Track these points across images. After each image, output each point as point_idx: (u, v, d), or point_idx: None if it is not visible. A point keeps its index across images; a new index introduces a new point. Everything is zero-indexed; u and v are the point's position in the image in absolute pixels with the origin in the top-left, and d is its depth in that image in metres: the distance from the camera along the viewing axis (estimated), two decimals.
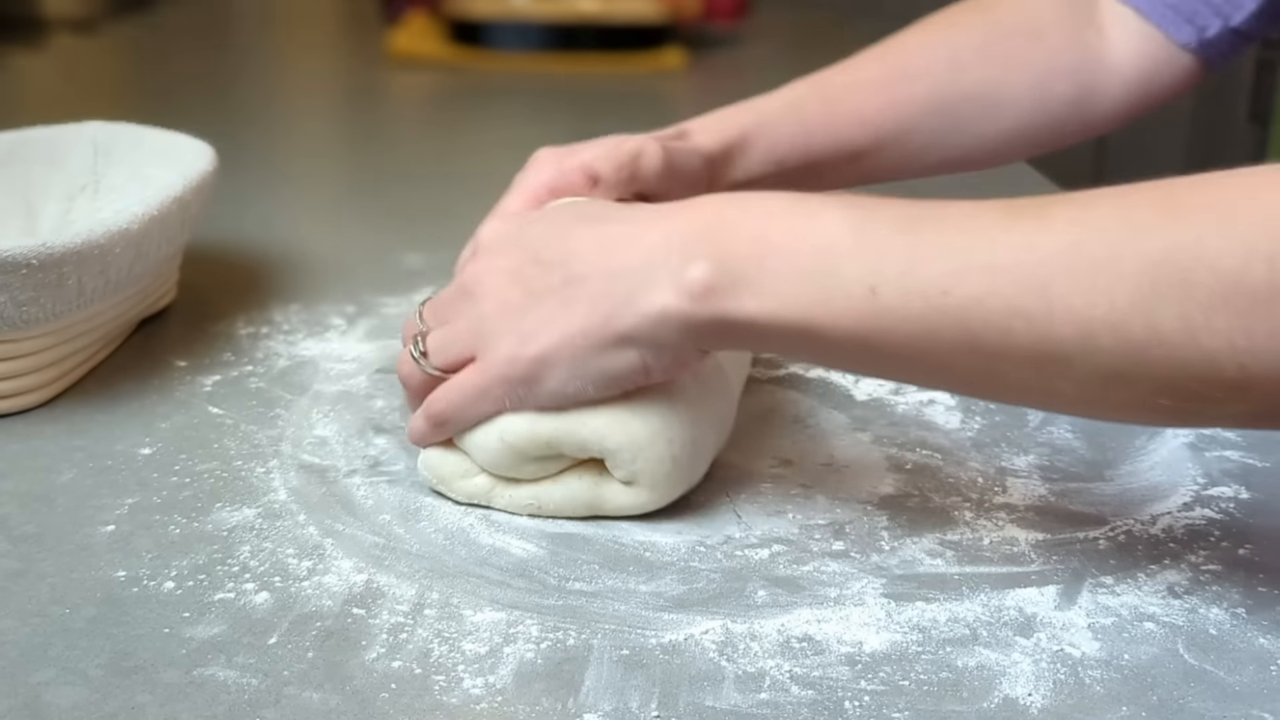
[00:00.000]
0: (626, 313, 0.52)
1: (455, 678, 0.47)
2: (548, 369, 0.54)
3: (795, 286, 0.49)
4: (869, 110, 0.74)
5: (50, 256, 0.62)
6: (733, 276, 0.50)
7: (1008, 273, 0.46)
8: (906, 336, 0.48)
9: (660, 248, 0.52)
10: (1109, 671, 0.48)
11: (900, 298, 0.48)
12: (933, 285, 0.47)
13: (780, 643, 0.49)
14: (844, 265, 0.48)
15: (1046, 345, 0.46)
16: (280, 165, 1.24)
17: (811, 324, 0.49)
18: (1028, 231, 0.47)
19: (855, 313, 0.48)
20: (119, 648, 0.48)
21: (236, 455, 0.63)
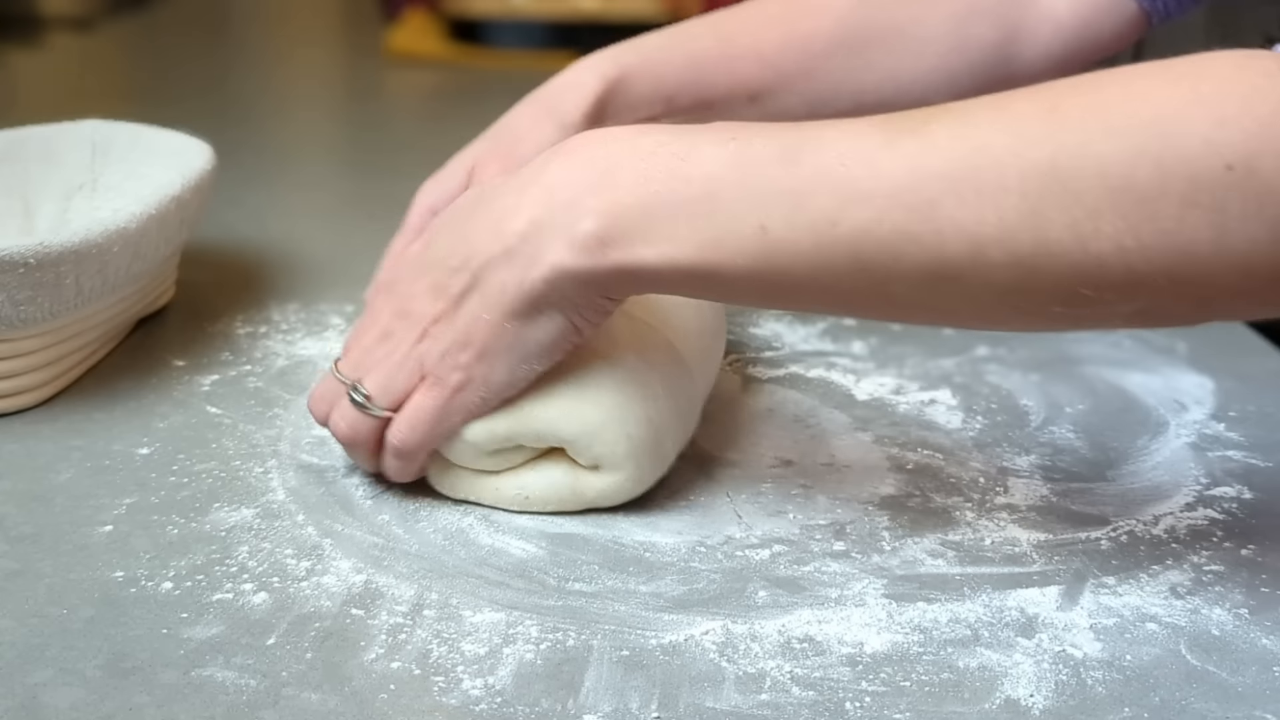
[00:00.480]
0: (530, 282, 0.51)
1: (454, 678, 0.47)
2: (491, 363, 0.54)
3: (685, 230, 0.49)
4: (767, 46, 0.71)
5: (48, 256, 0.62)
6: (622, 226, 0.49)
7: (893, 198, 0.46)
8: (800, 270, 0.48)
9: (545, 207, 0.51)
10: (1111, 672, 0.48)
11: (790, 233, 0.47)
12: (821, 218, 0.47)
13: (781, 643, 0.49)
14: (730, 205, 0.48)
15: (937, 265, 0.46)
16: (279, 164, 1.24)
17: (707, 265, 0.49)
18: (910, 153, 0.46)
19: (748, 252, 0.48)
20: (117, 648, 0.48)
21: (235, 455, 0.63)
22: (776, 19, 0.73)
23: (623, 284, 0.52)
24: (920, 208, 0.46)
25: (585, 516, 0.58)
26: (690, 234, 0.49)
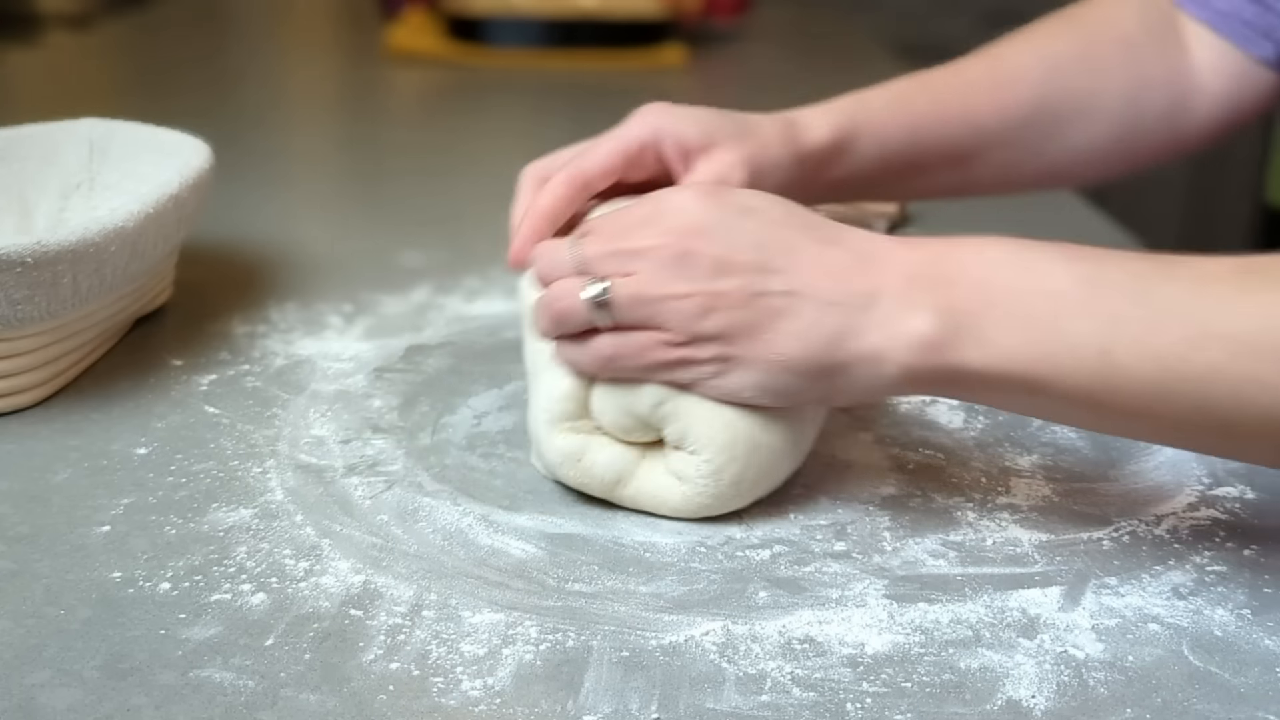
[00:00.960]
0: (838, 348, 0.52)
1: (454, 679, 0.47)
2: (737, 372, 0.54)
3: (1021, 340, 0.50)
4: (976, 110, 0.74)
5: (45, 255, 0.62)
6: (955, 328, 0.51)
7: (1247, 342, 0.47)
8: (1137, 397, 0.49)
9: (881, 287, 0.52)
10: (1113, 673, 0.48)
11: (1134, 361, 0.49)
12: (1169, 351, 0.48)
13: (781, 644, 0.49)
14: (1073, 323, 0.49)
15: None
16: (277, 162, 1.24)
17: (1036, 379, 0.50)
18: (1266, 302, 0.48)
19: (1084, 371, 0.49)
20: (114, 649, 0.48)
21: (233, 455, 0.63)
22: (983, 86, 0.75)
23: (937, 384, 0.53)
24: (1272, 355, 0.47)
25: (585, 517, 0.58)
26: (1025, 345, 0.50)
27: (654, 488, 0.58)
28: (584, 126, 0.75)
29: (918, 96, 0.74)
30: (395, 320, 0.80)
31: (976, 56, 0.77)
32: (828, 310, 0.52)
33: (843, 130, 0.70)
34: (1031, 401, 0.52)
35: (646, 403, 0.56)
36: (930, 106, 0.73)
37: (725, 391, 0.55)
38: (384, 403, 0.69)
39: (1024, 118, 0.74)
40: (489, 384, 0.72)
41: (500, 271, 0.89)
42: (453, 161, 1.23)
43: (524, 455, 0.64)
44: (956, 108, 0.74)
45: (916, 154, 0.73)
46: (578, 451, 0.58)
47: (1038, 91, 0.75)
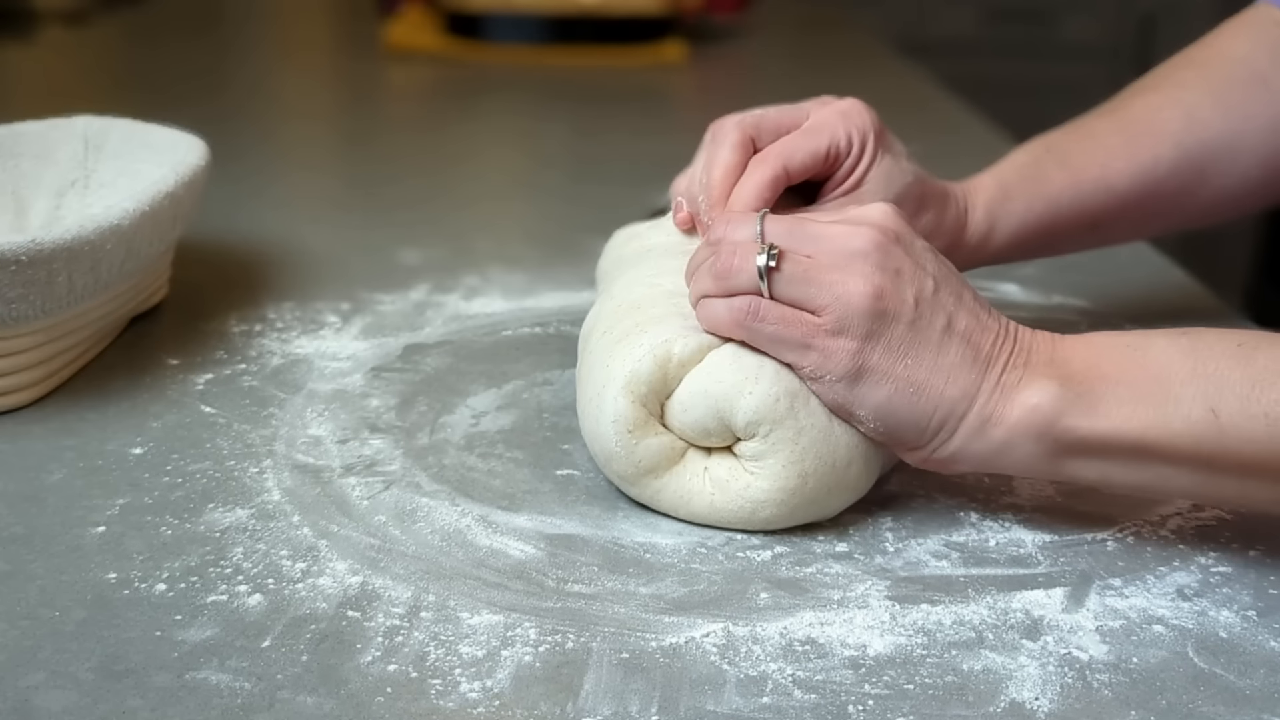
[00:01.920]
0: (961, 400, 0.54)
1: (452, 681, 0.47)
2: (870, 386, 0.54)
3: (1131, 408, 0.52)
4: (1114, 177, 0.73)
5: (40, 253, 0.61)
6: (1068, 398, 0.53)
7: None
8: (1248, 456, 0.51)
9: (1010, 360, 0.54)
10: (1117, 675, 0.48)
11: (1244, 420, 0.51)
12: (1276, 409, 0.50)
13: (783, 646, 0.49)
14: (1181, 389, 0.52)
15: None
16: (274, 160, 1.24)
17: (1147, 443, 0.52)
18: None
19: (1194, 433, 0.51)
20: (110, 651, 0.48)
21: (229, 455, 0.62)
22: (1120, 148, 0.74)
23: (1048, 451, 0.54)
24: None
25: (585, 517, 0.58)
26: (1136, 412, 0.52)
27: (684, 490, 0.57)
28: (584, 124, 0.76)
29: (1053, 172, 0.72)
30: (393, 319, 0.80)
31: (1105, 112, 0.76)
32: (972, 363, 0.54)
33: (989, 222, 0.71)
34: (1142, 469, 0.53)
35: (746, 411, 0.55)
36: (1067, 179, 0.72)
37: (844, 400, 0.55)
38: (382, 402, 0.69)
39: (1162, 176, 0.73)
40: (488, 383, 0.72)
41: (499, 270, 0.89)
42: (451, 159, 1.23)
43: (523, 455, 0.64)
44: (1093, 175, 0.73)
45: (1055, 227, 0.73)
46: (636, 423, 0.56)
47: (1176, 148, 0.74)
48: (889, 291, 0.54)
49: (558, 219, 1.06)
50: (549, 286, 0.87)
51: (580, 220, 1.02)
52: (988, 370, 0.54)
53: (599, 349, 0.59)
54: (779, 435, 0.55)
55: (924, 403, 0.54)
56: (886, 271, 0.54)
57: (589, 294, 0.86)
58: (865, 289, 0.53)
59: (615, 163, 1.22)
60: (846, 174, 0.65)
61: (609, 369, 0.57)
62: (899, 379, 0.54)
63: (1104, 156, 0.73)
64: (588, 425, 0.59)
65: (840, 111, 0.65)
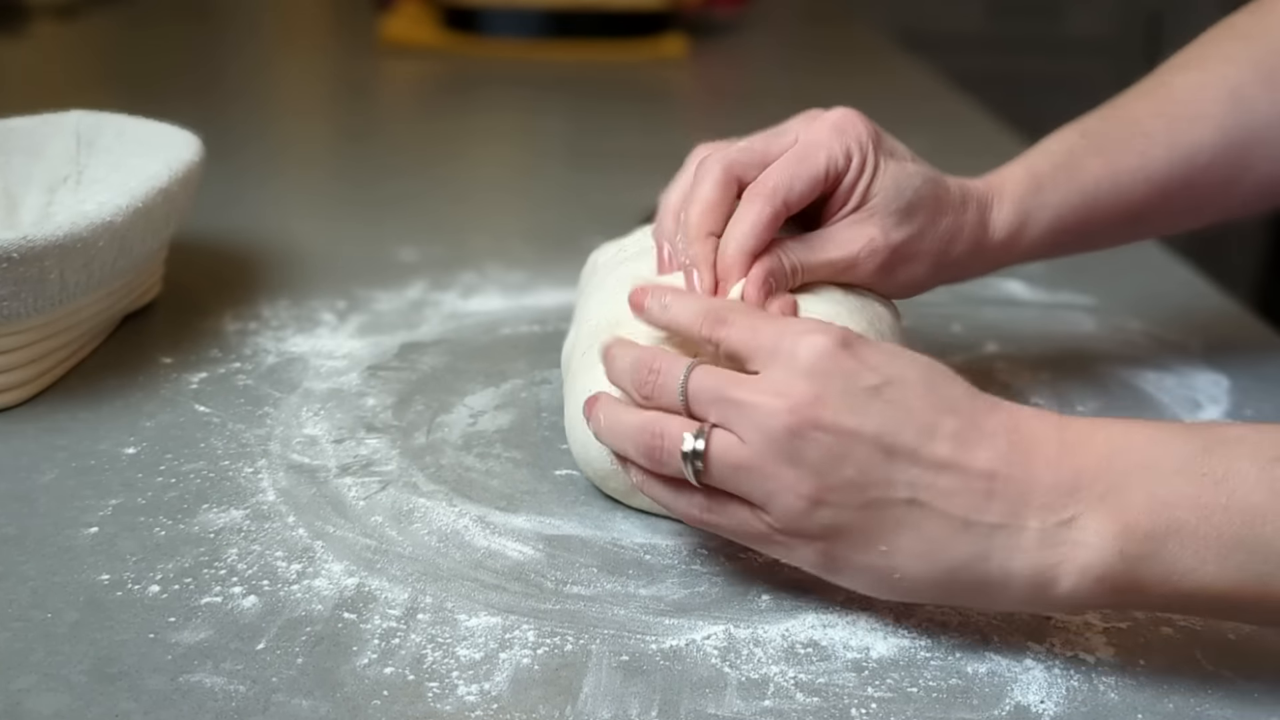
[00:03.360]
0: (970, 572, 0.47)
1: (449, 684, 0.47)
2: (848, 575, 0.49)
3: (1215, 567, 0.45)
4: (1154, 167, 0.68)
5: (31, 250, 0.61)
6: (1132, 560, 0.45)
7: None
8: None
9: (1030, 503, 0.46)
10: (1124, 678, 0.48)
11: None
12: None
13: (785, 648, 0.49)
14: (1277, 537, 0.45)
15: None
16: (269, 156, 1.24)
17: (1238, 601, 0.46)
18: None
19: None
20: (102, 653, 0.48)
21: (224, 455, 0.62)
22: (1161, 134, 0.69)
23: (1109, 604, 0.49)
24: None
25: (584, 518, 0.58)
26: (1221, 570, 0.45)
27: None
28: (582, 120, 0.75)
29: (1089, 161, 0.68)
30: (390, 317, 0.80)
31: (1144, 93, 0.71)
32: (958, 533, 0.46)
33: (1020, 218, 0.67)
34: (1235, 615, 0.48)
35: None
36: (1105, 170, 0.68)
37: (828, 576, 0.50)
38: (378, 401, 0.69)
39: (1207, 162, 0.69)
40: (485, 382, 0.72)
41: (497, 267, 0.89)
42: (448, 155, 1.23)
43: (521, 455, 0.64)
44: (1132, 166, 0.68)
45: (1092, 221, 0.68)
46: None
47: (1219, 132, 0.69)
48: (825, 484, 0.47)
49: (556, 215, 1.06)
50: (548, 284, 0.87)
51: (579, 217, 1.02)
52: (992, 535, 0.46)
53: (581, 370, 0.59)
54: None
55: (915, 587, 0.48)
56: (815, 458, 0.47)
57: None
58: (800, 491, 0.47)
59: (614, 159, 1.22)
60: (849, 191, 0.60)
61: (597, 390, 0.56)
62: (877, 569, 0.48)
63: (1143, 144, 0.69)
64: (578, 449, 0.59)
65: (832, 125, 0.60)
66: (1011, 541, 0.46)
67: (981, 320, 0.81)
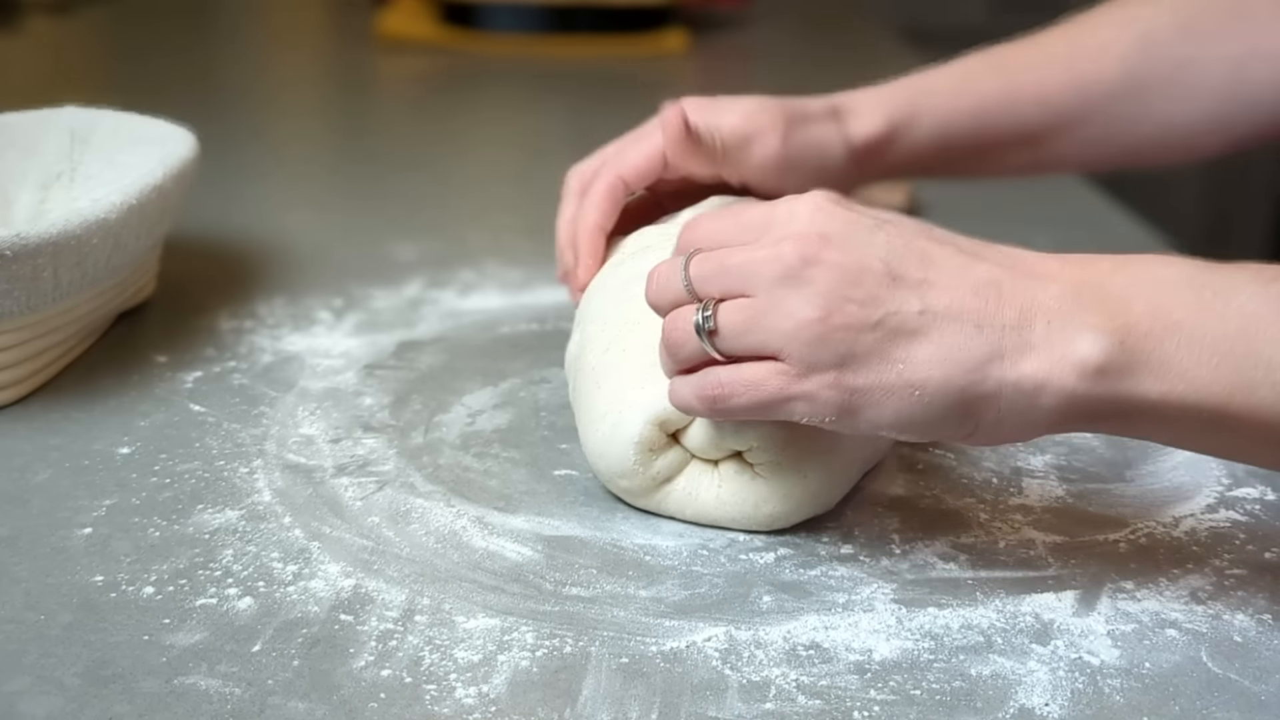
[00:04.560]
0: (987, 376, 0.47)
1: (447, 687, 0.47)
2: (872, 408, 0.49)
3: (1209, 370, 0.46)
4: (1051, 88, 0.71)
5: (25, 247, 0.61)
6: (1132, 355, 0.47)
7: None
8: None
9: (1037, 305, 0.48)
10: (1129, 680, 0.48)
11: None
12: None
13: (786, 650, 0.49)
14: (1272, 350, 0.46)
15: None
16: (264, 152, 1.24)
17: (1228, 412, 0.47)
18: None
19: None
20: (96, 655, 0.48)
21: (219, 455, 0.62)
22: (1060, 60, 0.72)
23: (1107, 417, 0.48)
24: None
25: (583, 518, 0.58)
26: (1214, 375, 0.46)
27: (692, 486, 0.57)
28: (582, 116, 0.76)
29: (986, 75, 0.71)
30: (387, 315, 0.80)
31: (1059, 28, 0.74)
32: (973, 333, 0.47)
33: (898, 115, 0.69)
34: (1214, 437, 0.49)
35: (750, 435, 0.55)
36: (999, 85, 0.71)
37: (858, 429, 0.50)
38: (375, 400, 0.69)
39: (1107, 92, 0.71)
40: (484, 381, 0.72)
41: (495, 265, 0.89)
42: (446, 151, 1.23)
43: (520, 455, 0.64)
44: (1029, 86, 0.71)
45: (984, 135, 0.70)
46: (657, 443, 0.56)
47: (1125, 64, 0.72)
48: (836, 307, 0.48)
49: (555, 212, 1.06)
50: (547, 282, 0.87)
51: None
52: (1005, 333, 0.47)
53: (614, 362, 0.59)
54: (773, 441, 0.55)
55: (936, 399, 0.48)
56: (824, 282, 0.48)
57: None
58: (812, 316, 0.48)
59: None
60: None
61: (641, 390, 0.56)
62: (896, 389, 0.48)
63: (1044, 69, 0.72)
64: (598, 443, 0.58)
65: (672, 109, 0.66)
66: (1023, 339, 0.47)
67: None
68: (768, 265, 0.49)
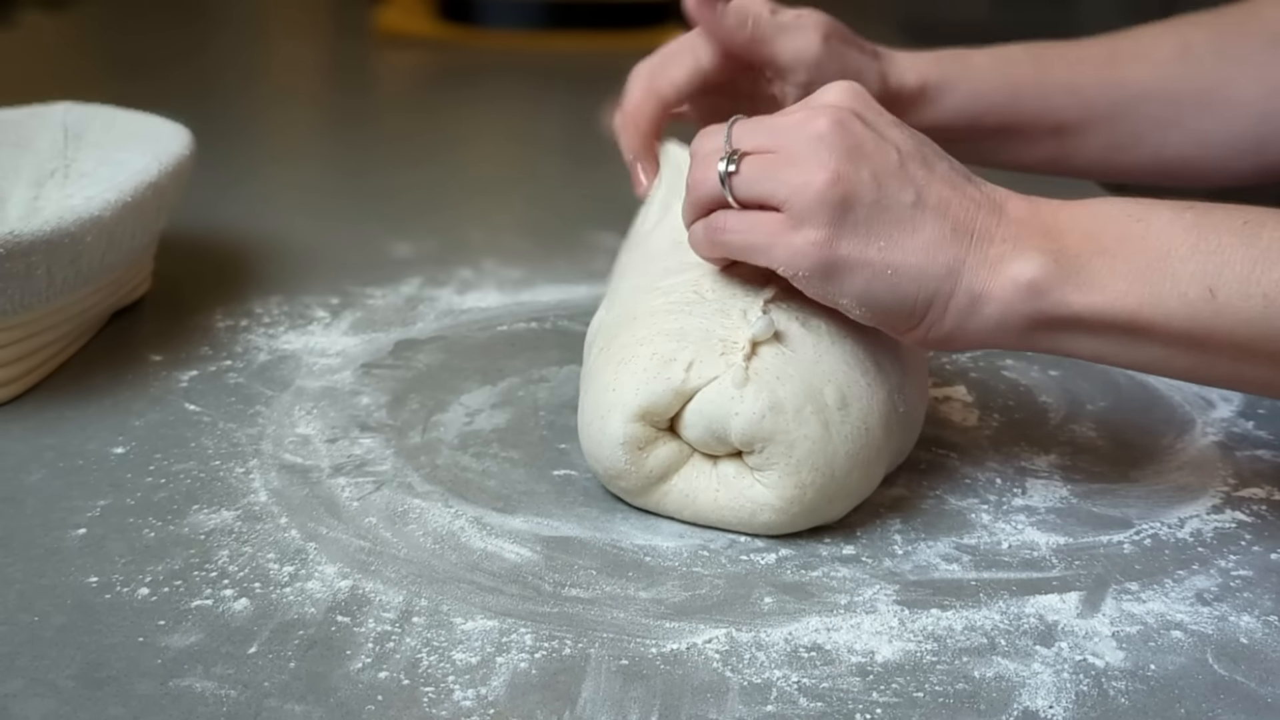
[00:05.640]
0: (949, 276, 0.54)
1: (445, 689, 0.47)
2: (845, 275, 0.54)
3: (1127, 284, 0.52)
4: (1085, 82, 0.73)
5: (18, 245, 0.61)
6: (1062, 271, 0.53)
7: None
8: (1243, 338, 0.52)
9: (996, 228, 0.54)
10: (1134, 683, 0.48)
11: (1241, 300, 0.51)
12: (1276, 289, 0.51)
13: (787, 652, 0.49)
14: (1180, 266, 0.52)
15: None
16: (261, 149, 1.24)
17: (1140, 321, 0.52)
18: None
19: (1189, 312, 0.52)
20: (90, 658, 0.48)
21: (214, 455, 0.62)
22: (1098, 58, 0.75)
23: (1038, 328, 0.54)
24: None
25: (583, 519, 0.58)
26: (1131, 288, 0.52)
27: (690, 488, 0.57)
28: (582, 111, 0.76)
29: (1023, 59, 0.73)
30: (384, 314, 0.80)
31: (1101, 36, 0.76)
32: (949, 236, 0.54)
33: (933, 77, 0.71)
34: (1133, 347, 0.54)
35: (736, 431, 0.55)
36: (1034, 70, 0.73)
37: (823, 293, 0.55)
38: (372, 400, 0.69)
39: (1139, 96, 0.74)
40: (482, 380, 0.72)
41: (494, 263, 0.89)
42: (444, 147, 1.23)
43: (519, 455, 0.64)
44: (1063, 76, 0.73)
45: (1014, 117, 0.73)
46: (645, 440, 0.56)
47: (1160, 72, 0.74)
48: (846, 174, 0.53)
49: (555, 210, 1.06)
50: (546, 280, 0.87)
51: (578, 211, 1.02)
52: (972, 244, 0.54)
53: (599, 366, 0.59)
54: (772, 450, 0.55)
55: (905, 284, 0.54)
56: (844, 151, 0.54)
57: (587, 287, 0.86)
58: (821, 176, 0.53)
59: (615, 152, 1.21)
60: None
61: (614, 392, 0.57)
62: (873, 264, 0.54)
63: (1081, 64, 0.74)
64: (590, 446, 0.58)
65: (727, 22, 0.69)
66: (981, 254, 0.54)
67: None
68: (798, 126, 0.55)
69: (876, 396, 0.57)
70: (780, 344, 0.56)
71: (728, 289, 0.59)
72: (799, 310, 0.58)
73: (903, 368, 0.60)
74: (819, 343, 0.57)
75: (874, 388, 0.57)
